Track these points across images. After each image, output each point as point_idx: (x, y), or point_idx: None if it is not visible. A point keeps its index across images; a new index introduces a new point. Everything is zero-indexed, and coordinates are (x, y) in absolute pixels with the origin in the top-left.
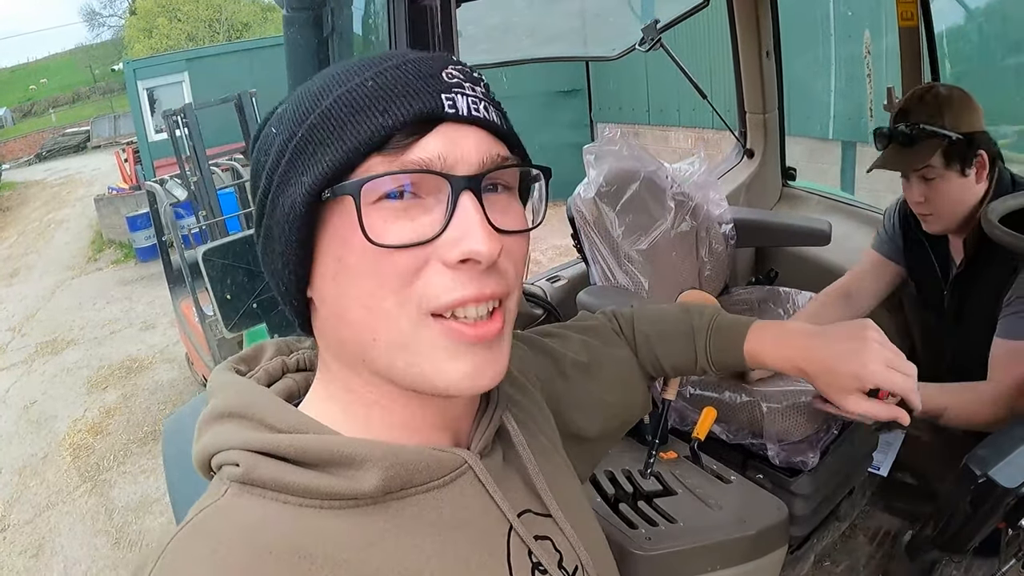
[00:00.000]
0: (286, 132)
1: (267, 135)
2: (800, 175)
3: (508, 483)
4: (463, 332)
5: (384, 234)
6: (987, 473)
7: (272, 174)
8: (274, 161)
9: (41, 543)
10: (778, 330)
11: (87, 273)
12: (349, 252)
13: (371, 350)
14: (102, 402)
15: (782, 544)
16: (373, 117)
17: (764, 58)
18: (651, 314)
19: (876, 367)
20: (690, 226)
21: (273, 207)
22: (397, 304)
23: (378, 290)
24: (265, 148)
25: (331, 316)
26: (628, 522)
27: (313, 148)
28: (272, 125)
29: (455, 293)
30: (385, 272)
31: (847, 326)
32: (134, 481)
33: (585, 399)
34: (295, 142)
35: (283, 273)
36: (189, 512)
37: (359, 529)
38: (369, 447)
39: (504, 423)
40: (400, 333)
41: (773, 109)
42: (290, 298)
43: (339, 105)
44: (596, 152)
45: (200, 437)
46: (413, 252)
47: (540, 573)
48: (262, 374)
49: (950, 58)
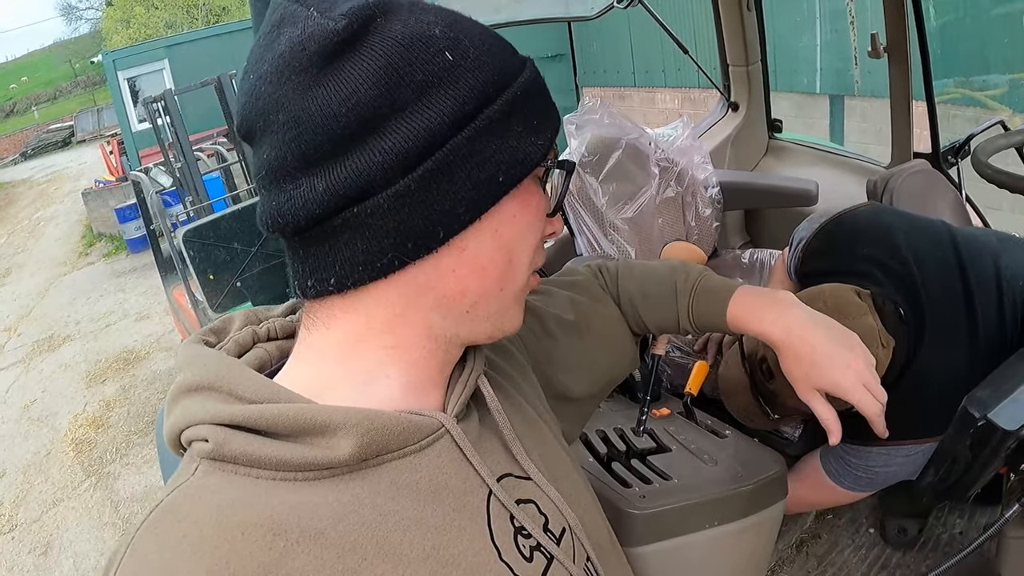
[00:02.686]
0: (487, 72)
1: (431, 39)
2: (788, 129)
3: (486, 447)
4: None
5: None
6: (987, 416)
7: (483, 99)
8: (475, 90)
9: (50, 540)
10: (765, 299)
11: (79, 268)
12: (525, 211)
13: (490, 300)
14: (102, 395)
15: (781, 497)
16: (554, 110)
17: (745, 10)
18: (637, 271)
19: (856, 383)
20: (675, 192)
21: (476, 144)
22: (530, 261)
23: (530, 247)
24: (434, 53)
25: (466, 266)
26: (622, 481)
27: (534, 117)
28: (443, 44)
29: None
30: (537, 233)
31: (840, 330)
32: (138, 472)
33: (572, 359)
34: (511, 95)
35: (450, 213)
36: (160, 493)
37: (335, 499)
38: (343, 413)
39: (479, 387)
40: (518, 285)
41: (756, 61)
42: (421, 244)
43: (532, 85)
44: (577, 121)
45: (170, 413)
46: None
47: (523, 537)
48: (232, 345)
49: (936, 7)
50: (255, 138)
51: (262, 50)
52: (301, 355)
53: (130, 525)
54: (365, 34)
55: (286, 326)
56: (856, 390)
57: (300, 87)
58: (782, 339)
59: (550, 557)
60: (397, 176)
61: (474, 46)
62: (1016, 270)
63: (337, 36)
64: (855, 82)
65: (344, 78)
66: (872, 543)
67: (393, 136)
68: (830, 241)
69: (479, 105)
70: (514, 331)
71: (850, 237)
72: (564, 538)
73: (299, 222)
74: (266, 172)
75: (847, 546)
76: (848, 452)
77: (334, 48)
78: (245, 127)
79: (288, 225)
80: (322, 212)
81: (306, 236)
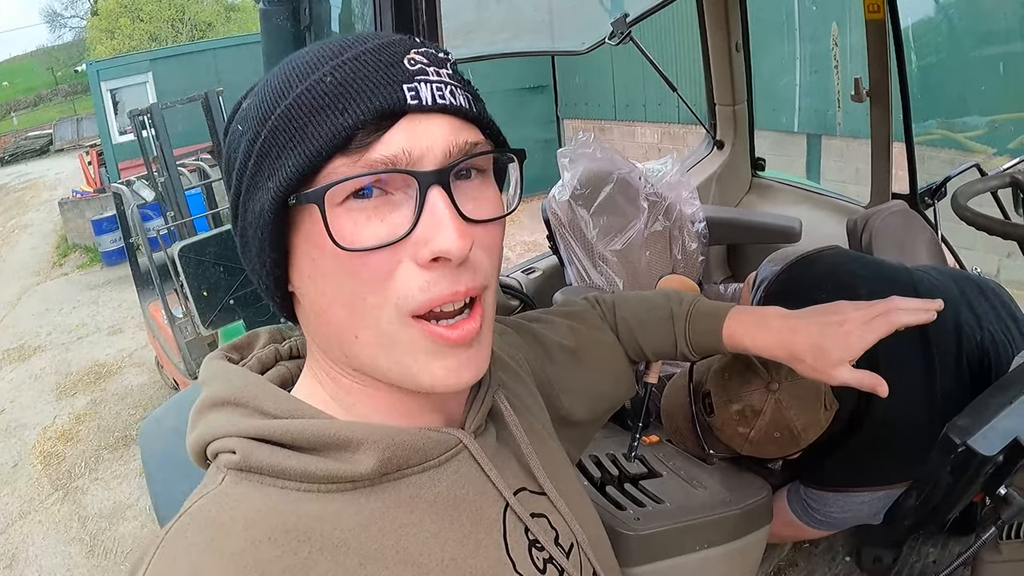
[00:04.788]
0: (251, 132)
1: (234, 133)
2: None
3: (502, 462)
4: (444, 335)
5: (354, 236)
6: (966, 442)
7: (241, 176)
8: (242, 162)
9: (15, 554)
10: (758, 315)
11: (52, 278)
12: (322, 255)
13: (353, 347)
14: (71, 408)
15: (767, 522)
16: (333, 117)
17: (733, 51)
18: (632, 300)
19: (860, 333)
20: (663, 226)
21: (245, 209)
22: (376, 304)
23: (356, 290)
24: (233, 147)
25: (312, 313)
26: (616, 504)
27: (277, 151)
28: (238, 122)
29: (429, 292)
30: (360, 273)
31: (822, 308)
32: (107, 487)
33: (573, 383)
34: (259, 144)
35: (261, 272)
36: (186, 502)
37: (357, 510)
38: (365, 429)
39: (496, 403)
40: (381, 333)
41: (742, 101)
42: (271, 294)
43: (299, 105)
44: (570, 155)
45: (194, 427)
46: (385, 252)
47: (537, 550)
48: (255, 362)
49: (917, 50)
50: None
51: None
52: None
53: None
54: None
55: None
56: (865, 338)
57: None
58: (785, 353)
59: (561, 570)
60: (237, 235)
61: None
62: (975, 325)
63: None
64: (837, 123)
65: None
66: (848, 572)
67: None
68: (791, 286)
69: (242, 168)
70: (441, 382)
71: (811, 283)
72: (572, 552)
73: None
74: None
75: (824, 575)
76: (808, 496)
77: None
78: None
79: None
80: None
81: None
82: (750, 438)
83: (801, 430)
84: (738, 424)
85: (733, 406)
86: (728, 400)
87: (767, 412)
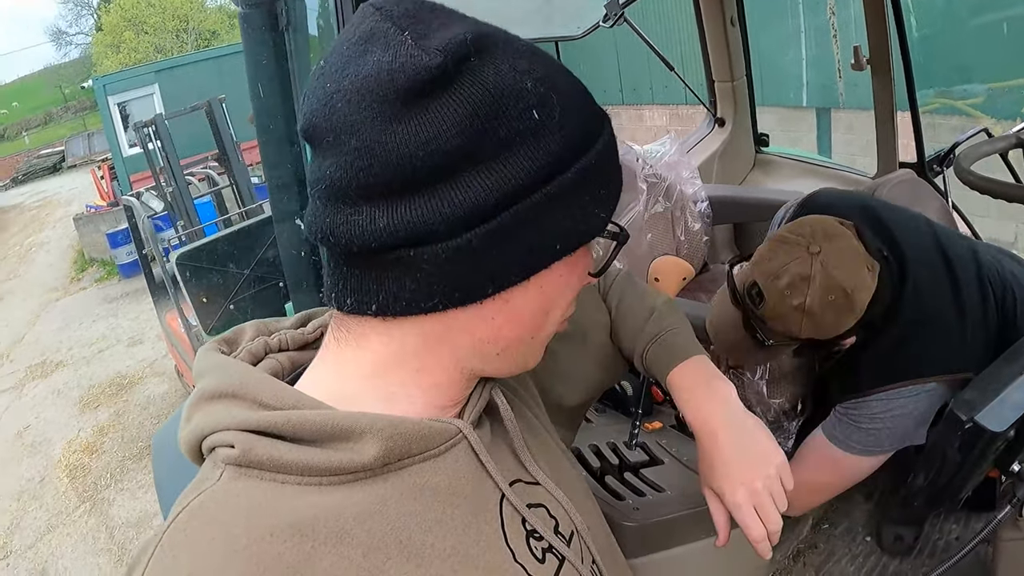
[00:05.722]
0: (568, 136)
1: (522, 94)
2: (775, 143)
3: (497, 454)
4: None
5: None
6: (973, 418)
7: (543, 167)
8: (553, 155)
9: (44, 567)
10: (702, 382)
11: (71, 293)
12: (572, 272)
13: (519, 345)
14: (95, 421)
15: None
16: (617, 177)
17: (729, 26)
18: (625, 291)
19: (745, 502)
20: (664, 207)
21: (542, 210)
22: (563, 313)
23: (567, 301)
24: (522, 109)
25: (505, 316)
26: (615, 494)
27: (597, 187)
28: (533, 100)
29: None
30: (577, 289)
31: (758, 443)
32: (132, 497)
33: (569, 369)
34: (586, 163)
35: (503, 272)
36: (180, 498)
37: (359, 500)
38: (368, 419)
39: (493, 397)
40: (548, 333)
41: (741, 76)
42: (468, 295)
43: (607, 151)
44: None
45: (189, 420)
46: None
47: (535, 540)
48: (246, 355)
49: (917, 18)
50: (319, 147)
51: (344, 60)
52: (327, 363)
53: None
54: (457, 75)
55: (297, 338)
56: (742, 509)
57: (381, 118)
58: (697, 428)
59: (561, 559)
60: (460, 230)
61: (561, 105)
62: (993, 256)
63: (429, 73)
64: (840, 95)
65: (427, 120)
66: (869, 551)
67: (464, 190)
68: (810, 210)
69: (553, 171)
70: (531, 368)
71: (827, 206)
72: (573, 540)
73: (351, 247)
74: (326, 187)
75: (844, 555)
76: (848, 413)
77: (423, 86)
78: (311, 133)
79: (338, 246)
80: (377, 246)
81: (355, 259)
82: (806, 308)
83: (852, 289)
84: (791, 298)
85: (782, 280)
86: (775, 276)
87: (816, 276)
